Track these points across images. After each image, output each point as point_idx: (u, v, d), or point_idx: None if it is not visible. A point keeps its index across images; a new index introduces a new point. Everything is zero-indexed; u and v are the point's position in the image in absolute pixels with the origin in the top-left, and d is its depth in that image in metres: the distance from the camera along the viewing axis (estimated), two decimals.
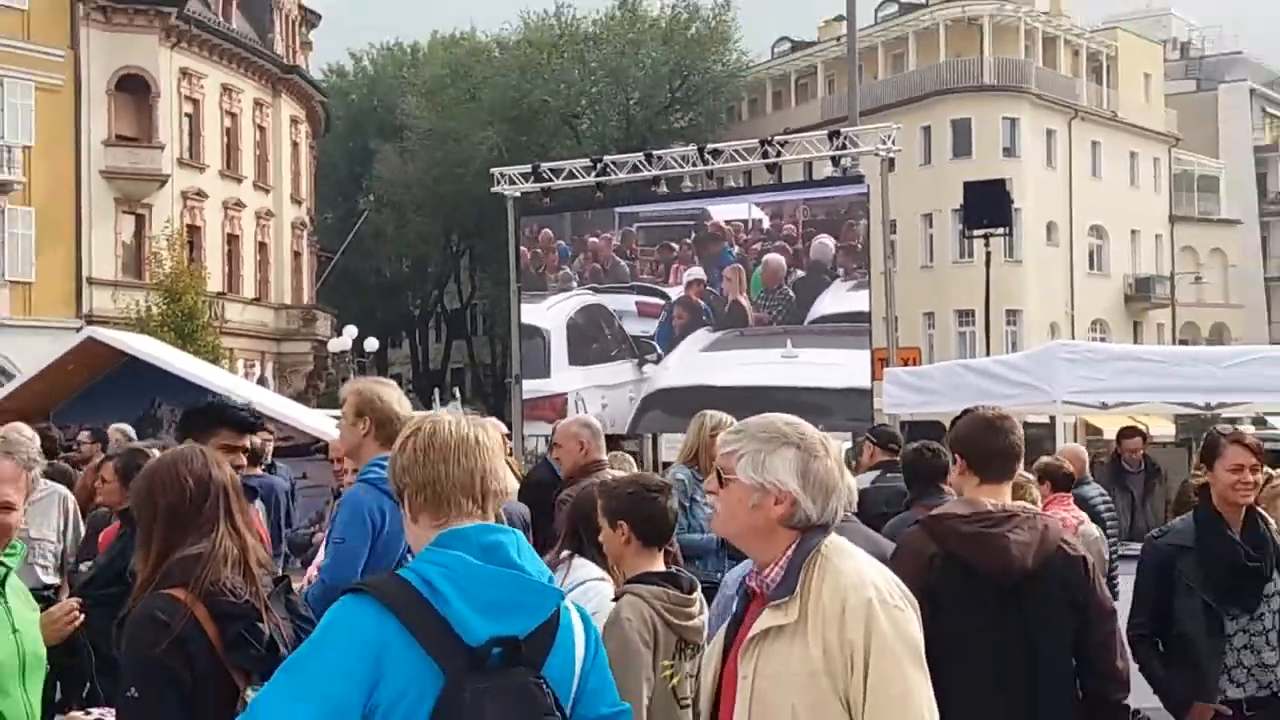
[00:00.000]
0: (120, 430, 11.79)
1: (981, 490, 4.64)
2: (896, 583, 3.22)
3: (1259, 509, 6.52)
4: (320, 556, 6.40)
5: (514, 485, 5.55)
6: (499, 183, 27.31)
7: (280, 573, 3.98)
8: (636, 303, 25.38)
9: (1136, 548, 7.88)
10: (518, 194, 27.16)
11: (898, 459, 8.20)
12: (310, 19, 58.07)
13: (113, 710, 4.01)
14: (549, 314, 26.13)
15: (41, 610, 4.40)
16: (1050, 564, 4.37)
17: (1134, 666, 5.57)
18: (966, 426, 4.87)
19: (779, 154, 25.94)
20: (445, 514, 2.88)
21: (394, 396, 6.15)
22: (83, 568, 7.50)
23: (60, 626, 4.65)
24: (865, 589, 3.10)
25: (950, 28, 58.25)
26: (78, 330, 25.96)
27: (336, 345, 46.36)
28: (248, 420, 6.60)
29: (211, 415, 6.48)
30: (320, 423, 16.31)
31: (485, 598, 2.73)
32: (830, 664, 3.05)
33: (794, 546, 3.20)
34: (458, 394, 47.17)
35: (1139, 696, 5.46)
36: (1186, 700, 4.99)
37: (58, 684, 4.41)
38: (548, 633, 2.84)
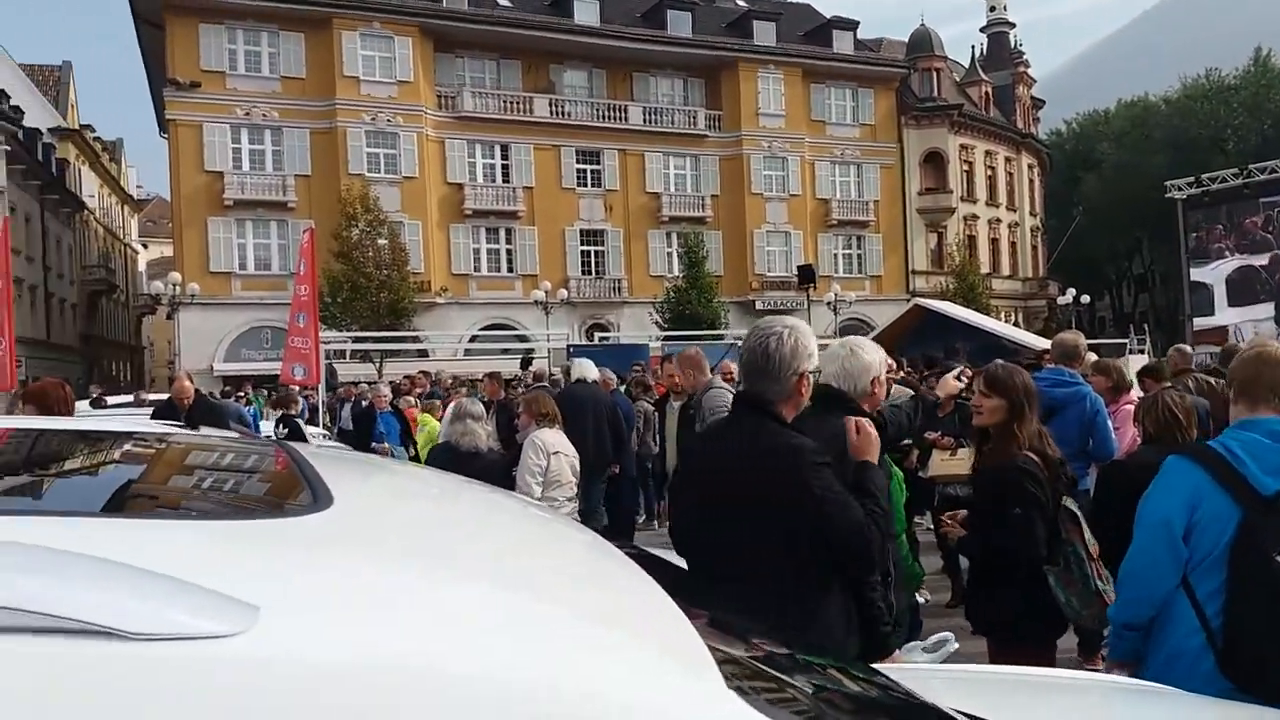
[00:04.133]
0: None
1: None
2: None
3: None
4: None
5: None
6: (1170, 191, 24.34)
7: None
8: (1273, 260, 21.51)
9: None
10: (1184, 197, 24.01)
11: None
12: (1037, 103, 54.03)
13: None
14: (1212, 273, 23.00)
15: None
16: None
17: None
18: None
19: None
20: (1254, 406, 2.52)
21: (1074, 335, 5.99)
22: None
23: None
24: None
25: None
26: (907, 300, 26.16)
27: (1061, 300, 42.96)
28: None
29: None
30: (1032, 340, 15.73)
31: (1274, 464, 2.38)
32: None
33: None
34: (1146, 329, 41.70)
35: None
36: None
37: None
38: None
